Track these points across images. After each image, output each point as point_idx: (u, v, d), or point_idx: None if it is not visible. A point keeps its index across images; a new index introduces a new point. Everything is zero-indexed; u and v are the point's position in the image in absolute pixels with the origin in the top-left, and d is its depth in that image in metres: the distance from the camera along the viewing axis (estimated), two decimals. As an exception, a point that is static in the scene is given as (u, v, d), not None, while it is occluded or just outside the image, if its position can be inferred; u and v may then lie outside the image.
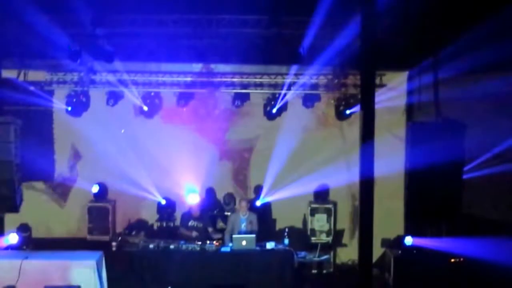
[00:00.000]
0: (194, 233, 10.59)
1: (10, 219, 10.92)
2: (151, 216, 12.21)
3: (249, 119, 12.14)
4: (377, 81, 11.21)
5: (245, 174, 12.41)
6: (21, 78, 11.75)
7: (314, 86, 11.89)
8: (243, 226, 10.65)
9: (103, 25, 9.74)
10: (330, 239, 11.67)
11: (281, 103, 11.88)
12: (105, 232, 11.52)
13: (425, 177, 9.77)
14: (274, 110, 11.89)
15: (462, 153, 9.78)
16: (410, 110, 12.04)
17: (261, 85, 11.99)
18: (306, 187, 11.97)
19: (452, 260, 10.18)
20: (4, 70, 11.12)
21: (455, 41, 9.43)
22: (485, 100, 10.56)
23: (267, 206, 12.13)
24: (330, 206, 11.77)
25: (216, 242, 10.25)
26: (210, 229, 10.81)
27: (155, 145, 12.01)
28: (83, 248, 10.68)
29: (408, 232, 11.16)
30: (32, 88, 11.66)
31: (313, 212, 11.72)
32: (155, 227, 12.15)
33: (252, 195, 12.17)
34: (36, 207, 11.63)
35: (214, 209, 11.88)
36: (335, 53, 10.24)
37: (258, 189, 12.18)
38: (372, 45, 8.84)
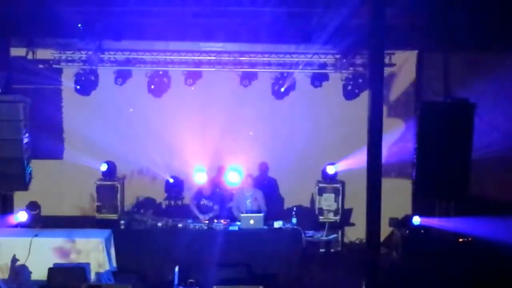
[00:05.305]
0: (202, 217, 10.61)
1: (19, 197, 11.01)
2: (159, 195, 12.25)
3: (257, 98, 12.10)
4: (386, 60, 11.12)
5: (252, 153, 12.38)
6: (30, 56, 11.80)
7: (323, 65, 11.84)
8: (247, 203, 10.71)
9: (111, 3, 9.68)
10: (338, 218, 11.69)
11: (289, 82, 11.86)
12: (113, 211, 11.55)
13: (433, 156, 9.73)
14: (282, 89, 11.86)
15: (471, 133, 9.71)
16: (419, 89, 11.97)
17: (269, 64, 11.93)
18: (314, 166, 11.98)
19: (460, 240, 10.18)
20: (13, 49, 11.13)
21: (465, 19, 9.33)
22: (495, 79, 10.49)
23: (272, 183, 12.14)
24: (338, 185, 11.77)
25: (224, 221, 10.28)
26: (215, 207, 10.82)
27: (163, 123, 12.01)
28: (92, 226, 10.80)
29: (416, 211, 11.17)
30: (41, 66, 11.68)
31: (321, 191, 11.73)
32: (163, 205, 12.20)
33: (257, 173, 12.17)
34: (45, 185, 11.68)
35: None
36: (344, 31, 10.17)
37: (263, 166, 12.21)
38: (381, 24, 8.74)
